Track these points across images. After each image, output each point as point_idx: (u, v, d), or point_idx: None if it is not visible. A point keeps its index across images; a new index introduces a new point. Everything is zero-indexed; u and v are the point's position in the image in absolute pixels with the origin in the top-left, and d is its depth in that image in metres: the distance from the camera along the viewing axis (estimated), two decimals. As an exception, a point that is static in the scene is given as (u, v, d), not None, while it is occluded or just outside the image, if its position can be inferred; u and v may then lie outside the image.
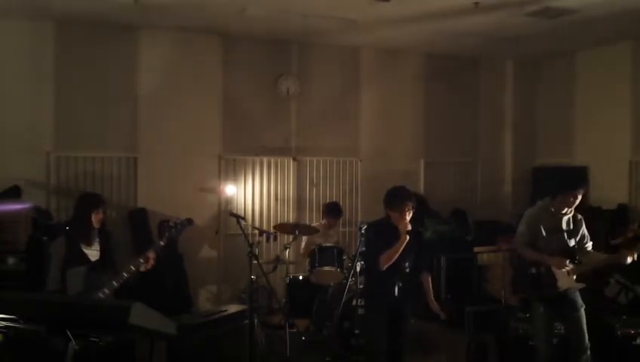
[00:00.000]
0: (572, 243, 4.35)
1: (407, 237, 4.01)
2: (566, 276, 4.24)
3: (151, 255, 3.89)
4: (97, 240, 4.05)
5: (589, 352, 4.20)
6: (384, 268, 4.01)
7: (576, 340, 4.23)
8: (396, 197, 4.10)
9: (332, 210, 6.35)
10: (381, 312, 4.10)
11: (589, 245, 4.41)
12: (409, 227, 4.03)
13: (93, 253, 4.00)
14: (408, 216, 4.06)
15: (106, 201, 4.27)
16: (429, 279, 4.32)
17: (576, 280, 4.27)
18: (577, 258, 4.27)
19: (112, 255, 4.07)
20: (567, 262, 4.21)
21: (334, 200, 7.09)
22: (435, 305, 4.30)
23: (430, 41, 7.32)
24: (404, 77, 7.95)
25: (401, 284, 4.06)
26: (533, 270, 4.32)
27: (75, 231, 4.01)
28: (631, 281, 5.70)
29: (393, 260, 4.01)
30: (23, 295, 2.88)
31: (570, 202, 4.26)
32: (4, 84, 6.16)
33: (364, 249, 4.31)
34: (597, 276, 4.38)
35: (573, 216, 4.39)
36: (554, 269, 4.25)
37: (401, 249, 4.01)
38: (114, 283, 3.78)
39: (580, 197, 4.27)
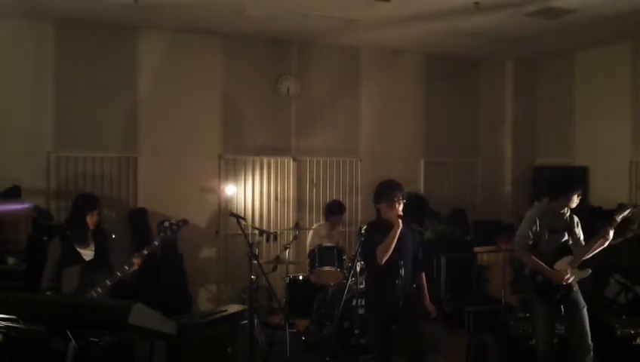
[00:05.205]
0: (571, 242, 4.37)
1: (400, 225, 3.97)
2: (570, 271, 4.23)
3: (136, 261, 3.92)
4: (93, 240, 4.08)
5: (592, 352, 4.20)
6: (382, 261, 3.95)
7: (579, 340, 4.22)
8: (384, 190, 4.11)
9: (336, 210, 6.33)
10: (381, 313, 4.09)
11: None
12: (400, 213, 4.01)
13: (88, 252, 4.03)
14: (399, 207, 4.04)
15: (101, 203, 4.27)
16: (424, 278, 4.29)
17: (580, 269, 4.28)
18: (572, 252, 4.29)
19: (108, 255, 4.09)
20: (566, 277, 4.21)
21: (334, 198, 7.09)
22: (429, 305, 4.28)
23: (430, 41, 7.32)
24: (404, 77, 7.95)
25: (399, 283, 4.00)
26: (540, 278, 4.31)
27: (72, 230, 4.04)
28: (631, 281, 5.69)
29: (390, 252, 3.96)
30: (23, 295, 2.88)
31: (571, 202, 4.29)
32: (4, 84, 6.16)
33: (360, 250, 4.28)
34: (597, 265, 4.37)
35: (570, 216, 4.41)
36: (556, 268, 4.25)
37: (396, 238, 3.96)
38: (108, 282, 3.81)
39: (578, 197, 4.31)
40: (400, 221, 4.00)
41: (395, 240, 3.98)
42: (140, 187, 6.70)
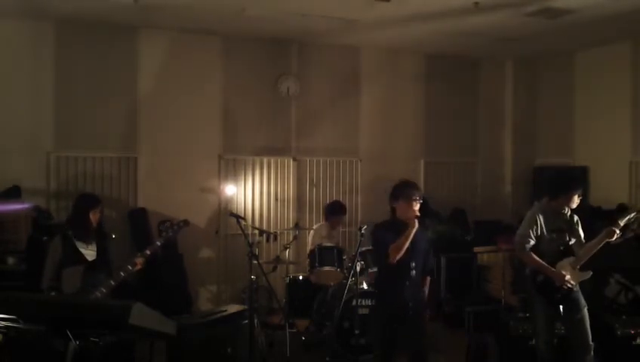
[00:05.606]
0: (572, 242, 4.37)
1: (416, 225, 3.89)
2: (572, 271, 4.23)
3: (138, 261, 3.95)
4: (94, 240, 4.09)
5: (592, 353, 4.19)
6: (395, 259, 3.87)
7: (580, 340, 4.21)
8: (402, 188, 4.03)
9: (336, 210, 6.33)
10: (384, 314, 4.08)
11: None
12: (417, 213, 3.93)
13: (90, 252, 4.05)
14: (416, 207, 3.97)
15: (102, 202, 4.31)
16: (428, 282, 4.26)
17: (581, 270, 4.28)
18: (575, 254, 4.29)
19: (109, 255, 4.11)
20: (567, 277, 4.20)
21: (335, 199, 7.09)
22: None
23: (430, 41, 7.32)
24: (404, 77, 7.95)
25: (408, 284, 3.99)
26: (541, 277, 4.30)
27: (74, 230, 4.05)
28: (631, 281, 5.69)
29: (403, 251, 3.88)
30: (23, 295, 2.88)
31: (572, 202, 4.29)
32: (3, 84, 6.16)
33: (366, 248, 4.27)
34: (597, 265, 4.37)
35: (571, 216, 4.41)
36: (558, 268, 4.24)
37: (411, 237, 3.88)
38: (111, 282, 3.82)
39: (579, 197, 4.31)
40: (416, 221, 3.93)
41: (410, 240, 3.91)
42: (140, 187, 6.70)
